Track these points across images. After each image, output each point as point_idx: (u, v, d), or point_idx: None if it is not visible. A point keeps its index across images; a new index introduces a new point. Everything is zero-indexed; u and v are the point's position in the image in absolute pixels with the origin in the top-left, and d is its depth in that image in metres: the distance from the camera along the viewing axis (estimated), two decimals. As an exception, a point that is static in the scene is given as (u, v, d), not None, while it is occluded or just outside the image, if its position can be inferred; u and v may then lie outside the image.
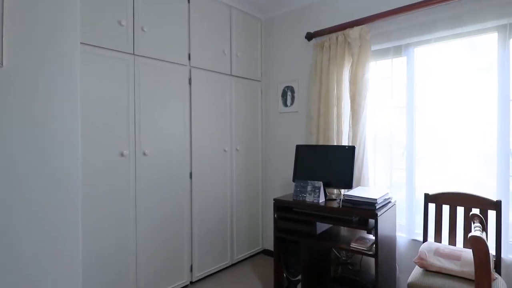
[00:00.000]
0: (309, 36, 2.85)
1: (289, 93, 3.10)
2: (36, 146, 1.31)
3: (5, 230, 1.22)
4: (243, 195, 3.09)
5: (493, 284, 1.60)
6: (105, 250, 2.03)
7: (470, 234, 0.99)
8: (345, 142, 2.59)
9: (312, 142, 2.77)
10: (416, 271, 1.84)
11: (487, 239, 1.06)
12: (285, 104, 3.13)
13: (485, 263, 0.91)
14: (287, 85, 3.11)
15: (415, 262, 1.84)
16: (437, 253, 1.84)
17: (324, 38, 2.73)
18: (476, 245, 0.94)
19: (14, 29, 1.25)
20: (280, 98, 3.17)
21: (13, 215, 1.24)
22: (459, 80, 2.22)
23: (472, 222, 1.18)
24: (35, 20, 1.31)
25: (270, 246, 3.22)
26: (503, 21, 1.97)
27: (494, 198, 1.95)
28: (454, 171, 2.24)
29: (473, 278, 1.62)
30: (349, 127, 2.54)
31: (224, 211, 2.88)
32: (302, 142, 2.99)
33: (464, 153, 2.20)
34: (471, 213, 1.27)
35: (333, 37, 2.63)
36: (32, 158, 1.30)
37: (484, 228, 1.14)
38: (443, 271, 1.74)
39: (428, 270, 1.80)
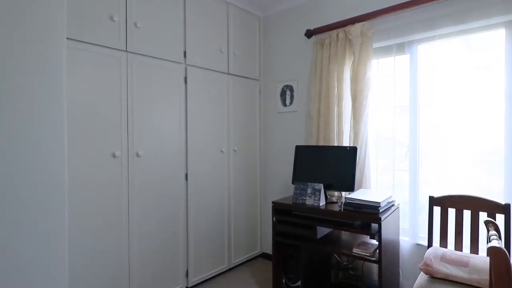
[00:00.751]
0: (309, 34, 2.77)
1: (288, 92, 3.01)
2: (21, 144, 1.24)
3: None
4: (241, 197, 3.00)
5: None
6: (96, 254, 1.94)
7: (488, 245, 0.91)
8: (346, 142, 2.51)
9: (312, 142, 2.69)
10: (422, 277, 1.76)
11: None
12: (284, 104, 3.04)
13: (505, 277, 0.83)
14: (286, 84, 3.02)
15: (421, 269, 1.76)
16: (444, 259, 1.76)
17: (324, 35, 2.64)
18: (497, 256, 0.86)
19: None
20: (279, 97, 3.09)
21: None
22: (464, 78, 2.14)
23: (487, 230, 1.10)
24: (16, 12, 1.23)
25: (269, 249, 3.13)
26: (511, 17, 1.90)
27: (501, 201, 1.88)
28: (459, 172, 2.16)
29: (483, 286, 1.55)
30: (350, 127, 2.46)
31: (221, 213, 2.79)
32: (301, 142, 2.91)
33: (469, 154, 2.12)
34: (485, 219, 1.19)
35: (333, 34, 2.55)
36: (18, 156, 1.24)
37: (500, 236, 1.07)
38: (450, 278, 1.66)
39: (434, 277, 1.71)
